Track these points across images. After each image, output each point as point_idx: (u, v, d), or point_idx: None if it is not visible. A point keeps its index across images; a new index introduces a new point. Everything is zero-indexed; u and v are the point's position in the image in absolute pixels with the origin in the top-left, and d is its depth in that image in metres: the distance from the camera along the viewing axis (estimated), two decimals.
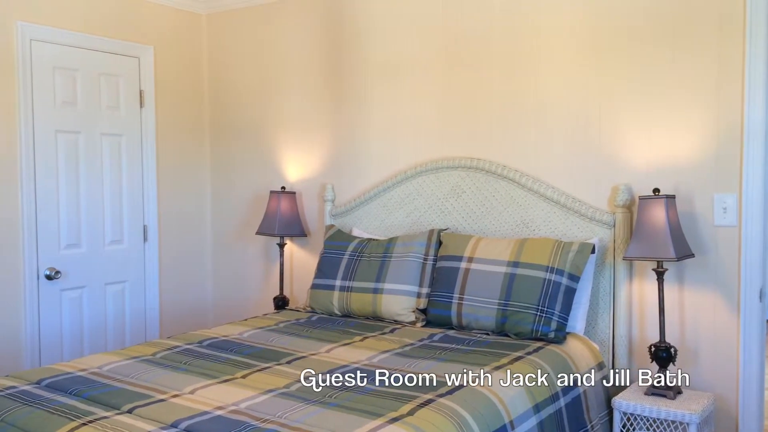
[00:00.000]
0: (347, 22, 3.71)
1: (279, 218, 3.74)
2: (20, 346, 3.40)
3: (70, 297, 3.62)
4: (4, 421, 1.92)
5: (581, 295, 2.89)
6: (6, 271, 3.34)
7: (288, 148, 4.00)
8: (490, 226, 3.22)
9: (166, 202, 4.12)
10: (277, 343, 2.73)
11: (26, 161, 3.39)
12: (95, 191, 3.72)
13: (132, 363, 2.44)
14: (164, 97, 4.08)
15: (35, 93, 3.43)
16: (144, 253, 3.99)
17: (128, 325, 3.91)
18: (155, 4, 4.00)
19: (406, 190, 3.48)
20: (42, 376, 2.27)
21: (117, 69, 3.80)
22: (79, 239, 3.65)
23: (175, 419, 1.87)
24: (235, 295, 4.27)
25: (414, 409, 1.95)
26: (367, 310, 3.15)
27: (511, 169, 3.16)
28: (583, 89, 3.00)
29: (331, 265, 3.34)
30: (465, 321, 2.91)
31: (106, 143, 3.77)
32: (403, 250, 3.19)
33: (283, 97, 4.00)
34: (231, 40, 4.21)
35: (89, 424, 1.84)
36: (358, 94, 3.70)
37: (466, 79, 3.32)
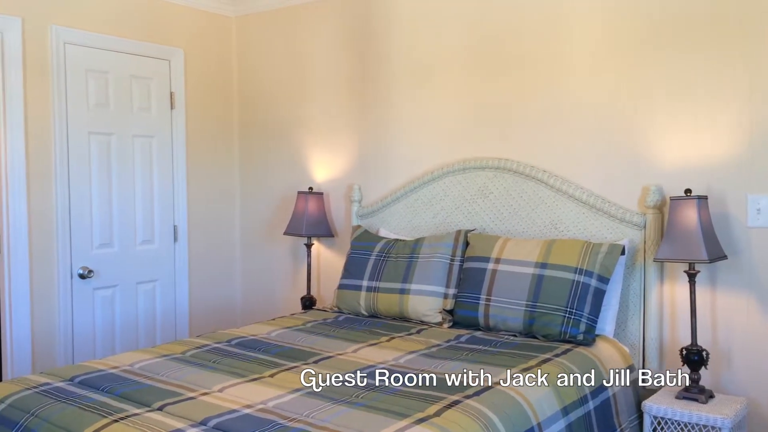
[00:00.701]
0: (375, 22, 3.72)
1: (306, 219, 3.76)
2: (54, 344, 3.47)
3: (103, 296, 3.69)
4: (38, 417, 1.96)
5: (611, 297, 2.85)
6: (41, 270, 3.41)
7: (316, 148, 4.02)
8: (517, 227, 3.20)
9: (196, 203, 4.17)
10: (305, 343, 2.75)
11: (60, 162, 3.46)
12: (127, 192, 3.78)
13: (162, 361, 2.48)
14: (194, 99, 4.13)
15: (69, 95, 3.50)
16: (174, 253, 4.05)
17: (159, 324, 3.97)
18: (185, 7, 4.05)
19: (433, 191, 3.48)
20: (75, 373, 2.32)
21: (148, 71, 3.86)
22: (111, 239, 3.72)
23: (204, 417, 1.89)
24: (263, 294, 4.31)
25: (441, 410, 1.95)
26: (393, 311, 3.15)
27: (540, 170, 3.13)
28: (614, 89, 2.96)
29: (358, 265, 3.34)
30: (492, 322, 2.89)
31: (137, 144, 3.83)
32: (429, 250, 3.18)
33: (311, 98, 4.03)
34: (260, 42, 4.25)
35: (121, 420, 1.88)
36: (385, 94, 3.70)
37: (494, 79, 3.31)
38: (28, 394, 2.11)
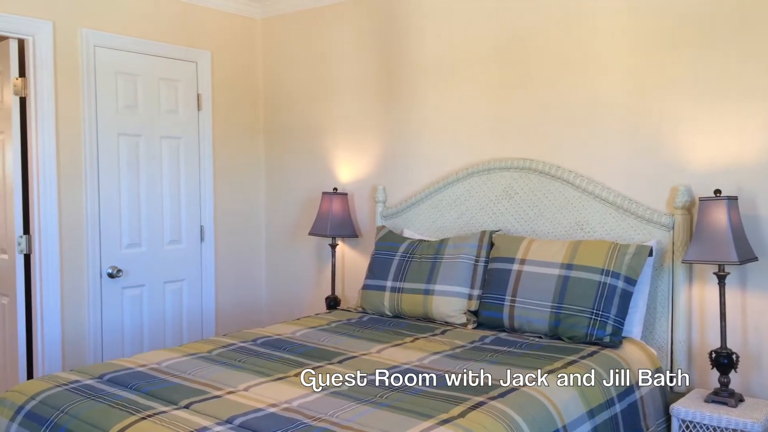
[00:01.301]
0: (399, 23, 3.72)
1: (331, 219, 3.78)
2: (84, 342, 3.54)
3: (131, 295, 3.75)
4: (68, 413, 2.00)
5: (638, 299, 2.82)
6: (71, 270, 3.48)
7: (340, 149, 4.04)
8: (543, 228, 3.17)
9: (222, 203, 4.22)
10: (329, 343, 2.76)
11: (90, 163, 3.52)
12: (155, 192, 3.84)
13: (189, 360, 2.51)
14: (221, 100, 4.17)
15: (99, 97, 3.56)
16: (201, 253, 4.09)
17: (186, 323, 4.02)
18: (213, 10, 4.10)
19: (457, 192, 3.47)
20: (104, 371, 2.36)
21: (176, 74, 3.91)
22: (139, 239, 3.77)
23: (230, 415, 1.91)
24: (288, 294, 4.34)
25: (465, 412, 1.95)
26: (417, 311, 3.15)
27: (565, 170, 3.11)
28: (642, 88, 2.93)
29: (382, 265, 3.35)
30: (517, 323, 2.88)
31: (165, 146, 3.88)
32: (454, 251, 3.18)
33: (335, 99, 4.04)
34: (285, 44, 4.28)
35: (148, 418, 1.90)
36: (410, 95, 3.70)
37: (519, 78, 3.29)
38: (58, 391, 2.15)
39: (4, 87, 3.36)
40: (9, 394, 2.21)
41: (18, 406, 2.12)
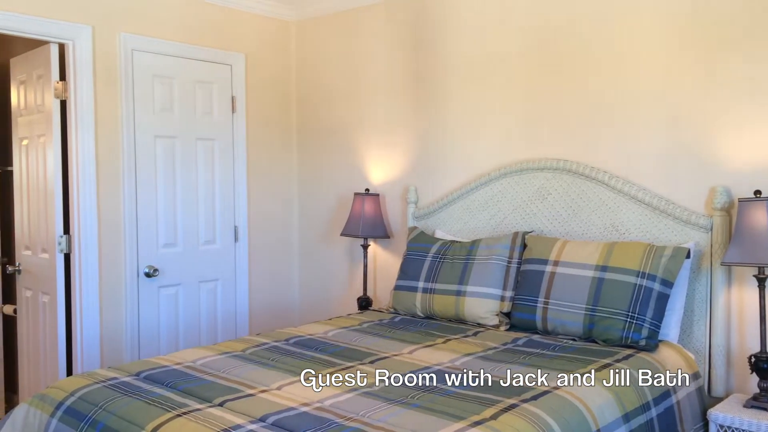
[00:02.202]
0: (431, 25, 3.72)
1: (363, 220, 3.79)
2: (121, 340, 3.61)
3: (167, 294, 3.81)
4: (106, 410, 2.04)
5: (675, 302, 2.77)
6: (109, 269, 3.55)
7: (372, 150, 4.05)
8: (577, 229, 3.14)
9: (256, 204, 4.26)
10: (361, 343, 2.77)
11: (128, 165, 3.60)
12: (190, 193, 3.90)
13: (223, 358, 2.54)
14: (254, 102, 4.22)
15: (136, 100, 3.63)
16: (235, 253, 4.14)
17: (220, 322, 4.07)
18: (247, 13, 4.15)
19: (489, 192, 3.45)
20: (141, 369, 2.40)
21: (211, 76, 3.97)
22: (175, 239, 3.83)
23: (263, 414, 1.93)
24: (321, 294, 4.36)
25: (497, 414, 1.93)
26: (449, 313, 3.14)
27: (600, 171, 3.07)
28: (679, 86, 2.87)
29: (414, 266, 3.35)
30: (550, 326, 2.85)
31: (200, 147, 3.94)
32: (486, 252, 3.16)
33: (367, 100, 4.06)
34: (318, 46, 4.31)
35: (183, 415, 1.93)
36: (441, 95, 3.69)
37: (552, 77, 3.25)
38: (96, 388, 2.20)
39: (46, 90, 3.45)
40: (49, 390, 2.26)
41: (58, 402, 2.17)
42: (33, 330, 3.65)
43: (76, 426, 2.04)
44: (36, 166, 3.56)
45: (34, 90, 3.55)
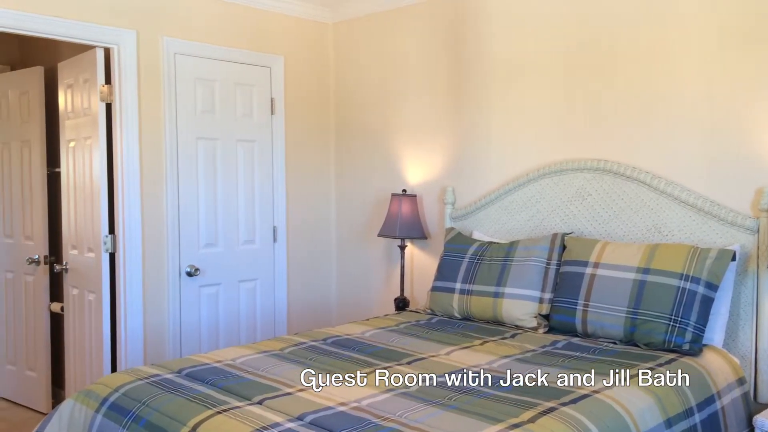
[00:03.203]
0: (469, 24, 3.70)
1: (400, 221, 3.79)
2: (164, 337, 3.68)
3: (208, 293, 3.88)
4: (149, 406, 2.09)
5: (720, 305, 2.70)
6: (152, 268, 3.63)
7: (409, 151, 4.05)
8: (618, 231, 3.09)
9: (294, 205, 4.30)
10: (398, 344, 2.77)
11: (170, 166, 3.67)
12: (230, 194, 3.96)
13: (262, 357, 2.57)
14: (293, 104, 4.26)
15: (178, 103, 3.70)
16: (273, 253, 4.19)
17: (259, 321, 4.13)
18: (286, 16, 4.19)
19: (528, 193, 3.42)
20: (182, 366, 2.45)
21: (251, 79, 4.02)
22: (216, 239, 3.90)
23: (301, 412, 1.95)
24: (358, 294, 4.38)
25: (535, 417, 1.92)
26: (487, 314, 3.12)
27: (642, 171, 3.01)
28: (724, 84, 2.80)
29: (451, 267, 3.34)
30: (590, 329, 2.81)
31: (240, 149, 4.00)
32: (525, 253, 3.13)
33: (405, 101, 4.06)
34: (356, 47, 4.33)
35: (223, 412, 1.97)
36: (479, 95, 3.68)
37: (591, 77, 3.21)
38: (140, 385, 2.25)
39: (92, 94, 3.54)
40: (94, 386, 2.32)
41: (102, 398, 2.23)
42: (79, 327, 3.75)
43: (119, 422, 2.10)
44: (83, 168, 3.66)
45: (81, 93, 3.65)
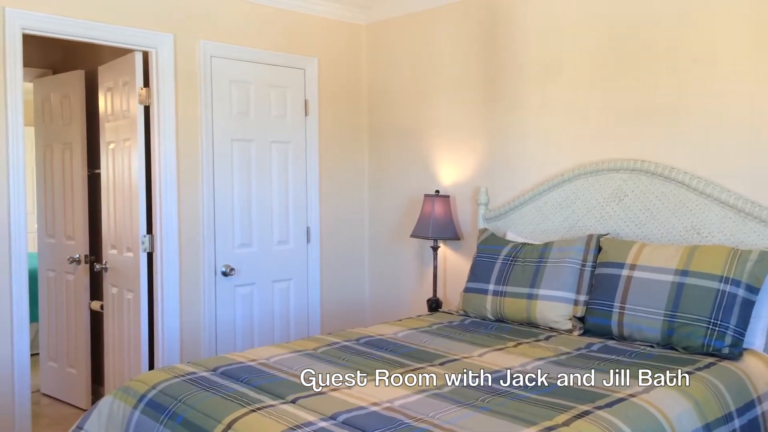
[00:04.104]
0: (503, 24, 3.68)
1: (433, 221, 3.79)
2: (200, 336, 3.74)
3: (243, 293, 3.92)
4: (185, 403, 2.13)
5: (761, 309, 2.63)
6: (189, 267, 3.69)
7: (442, 151, 4.04)
8: (655, 232, 3.03)
9: (328, 205, 4.33)
10: (431, 345, 2.77)
11: (206, 168, 3.72)
12: (264, 195, 4.00)
13: (296, 356, 2.59)
14: (326, 105, 4.29)
15: (214, 105, 3.76)
16: (307, 254, 4.22)
17: (292, 320, 4.16)
18: (320, 18, 4.22)
19: (563, 194, 3.38)
20: (218, 364, 2.48)
21: (284, 80, 4.06)
22: (250, 239, 3.94)
23: (334, 412, 1.96)
24: (390, 295, 4.39)
25: (570, 420, 1.89)
26: (521, 316, 3.10)
27: (680, 171, 2.95)
28: (765, 82, 2.73)
29: (485, 269, 3.32)
30: (627, 331, 2.76)
31: (274, 150, 4.04)
32: (559, 255, 3.10)
33: (438, 102, 4.05)
34: (389, 48, 4.34)
35: (258, 410, 1.99)
36: (513, 95, 3.65)
37: (628, 75, 3.16)
38: (176, 382, 2.29)
39: (131, 97, 3.62)
40: (132, 383, 2.37)
41: (140, 395, 2.27)
42: (118, 325, 3.83)
43: (156, 418, 2.13)
44: (122, 169, 3.74)
45: (120, 96, 3.73)
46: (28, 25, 3.12)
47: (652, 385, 2.19)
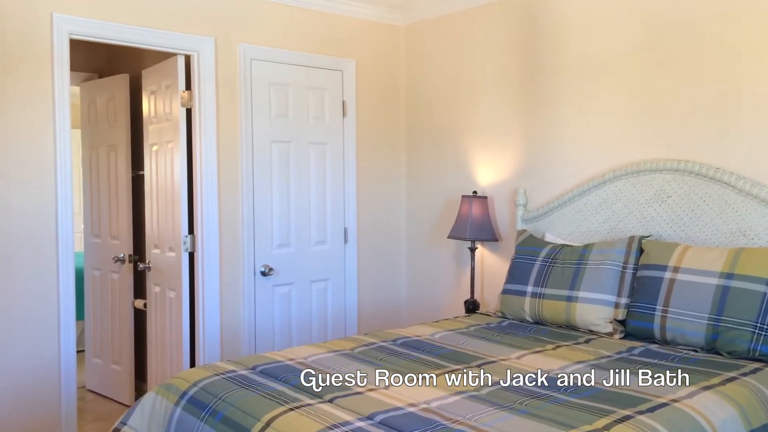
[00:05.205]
0: (541, 23, 3.64)
1: (470, 222, 3.77)
2: (239, 335, 3.79)
3: (281, 292, 3.97)
4: (225, 401, 2.16)
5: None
6: (229, 268, 3.74)
7: (480, 152, 4.02)
8: (699, 234, 2.96)
9: (365, 206, 4.34)
10: (468, 346, 2.76)
11: (246, 169, 3.78)
12: (303, 196, 4.03)
13: (333, 356, 2.61)
14: (364, 106, 4.30)
15: (254, 107, 3.81)
16: (344, 254, 4.24)
17: (330, 320, 4.19)
18: (358, 20, 4.24)
19: (603, 195, 3.33)
20: (257, 363, 2.52)
21: (323, 82, 4.09)
22: (288, 240, 3.98)
23: (371, 412, 1.97)
24: (427, 296, 4.38)
25: (610, 425, 1.86)
26: (560, 318, 3.06)
27: (726, 171, 2.88)
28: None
29: (523, 270, 3.29)
30: (669, 335, 2.71)
31: (312, 151, 4.07)
32: (600, 257, 3.05)
33: (475, 102, 4.03)
34: (426, 49, 4.33)
35: (296, 409, 2.01)
36: (551, 95, 3.61)
37: (669, 74, 3.09)
38: (216, 380, 2.33)
39: (173, 99, 3.69)
40: (174, 380, 2.42)
41: (182, 392, 2.31)
42: (160, 323, 3.91)
43: (197, 415, 2.17)
44: (164, 171, 3.81)
45: (163, 99, 3.81)
46: (75, 30, 3.21)
47: (695, 390, 2.14)
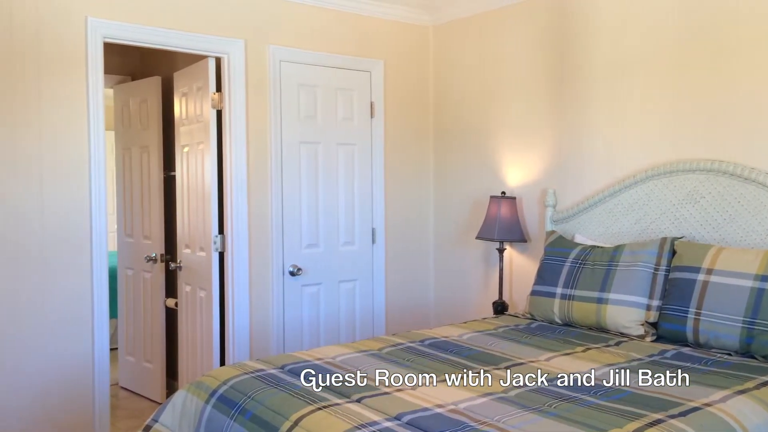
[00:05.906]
0: (571, 22, 3.61)
1: (499, 223, 3.75)
2: (268, 334, 3.83)
3: (309, 292, 3.99)
4: (254, 399, 2.18)
5: None
6: (258, 268, 3.78)
7: (508, 153, 3.99)
8: (733, 236, 2.91)
9: (393, 206, 4.35)
10: (496, 348, 2.74)
11: (275, 169, 3.81)
12: (331, 196, 4.05)
13: (361, 356, 2.62)
14: (392, 107, 4.31)
15: (283, 108, 3.84)
16: (372, 255, 4.25)
17: (358, 321, 4.20)
18: (386, 21, 4.25)
19: (634, 196, 3.28)
20: (285, 362, 2.54)
21: (351, 83, 4.11)
22: (317, 240, 4.01)
23: (399, 412, 1.97)
24: (455, 297, 4.37)
25: (641, 428, 1.84)
26: (590, 320, 3.03)
27: (761, 172, 2.82)
28: None
29: (552, 271, 3.26)
30: (702, 338, 2.66)
31: (341, 152, 4.09)
32: (631, 258, 3.01)
33: (504, 102, 4.01)
34: (455, 49, 4.32)
35: (324, 408, 2.02)
36: (581, 95, 3.57)
37: (703, 72, 3.04)
38: (246, 378, 2.35)
39: (204, 101, 3.74)
40: (205, 378, 2.45)
41: (212, 390, 2.34)
42: (191, 322, 3.97)
43: (227, 413, 2.20)
44: (195, 172, 3.87)
45: (194, 101, 3.86)
46: (109, 33, 3.28)
47: (729, 393, 2.10)
